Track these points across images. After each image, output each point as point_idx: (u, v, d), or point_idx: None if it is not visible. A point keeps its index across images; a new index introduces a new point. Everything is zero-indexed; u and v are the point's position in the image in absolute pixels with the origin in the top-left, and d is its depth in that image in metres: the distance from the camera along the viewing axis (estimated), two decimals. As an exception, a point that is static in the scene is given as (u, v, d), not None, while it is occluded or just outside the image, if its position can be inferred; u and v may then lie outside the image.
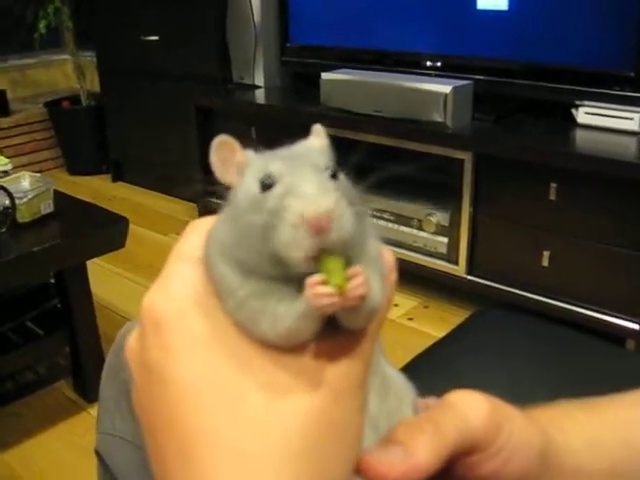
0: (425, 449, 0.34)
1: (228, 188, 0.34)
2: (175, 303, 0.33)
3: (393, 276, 0.36)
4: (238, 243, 0.32)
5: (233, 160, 0.34)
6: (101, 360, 1.85)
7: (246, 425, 0.30)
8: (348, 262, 0.31)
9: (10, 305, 1.81)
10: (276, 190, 0.30)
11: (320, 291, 0.29)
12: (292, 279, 0.31)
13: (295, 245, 0.29)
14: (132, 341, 0.36)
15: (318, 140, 0.36)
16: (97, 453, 0.84)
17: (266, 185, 0.31)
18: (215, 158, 0.34)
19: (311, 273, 0.30)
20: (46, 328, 1.80)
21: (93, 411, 1.78)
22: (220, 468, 0.30)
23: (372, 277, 0.32)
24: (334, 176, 0.32)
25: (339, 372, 0.32)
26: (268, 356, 0.32)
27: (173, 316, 0.33)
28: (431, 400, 0.40)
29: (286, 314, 0.31)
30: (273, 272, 0.31)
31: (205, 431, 0.31)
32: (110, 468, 0.81)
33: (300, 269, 0.30)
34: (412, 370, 1.03)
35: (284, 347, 0.32)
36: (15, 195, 1.60)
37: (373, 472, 0.33)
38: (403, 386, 0.40)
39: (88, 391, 1.84)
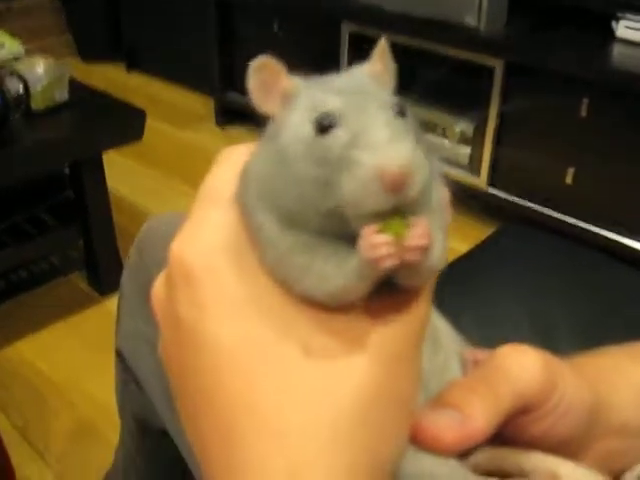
0: (482, 414, 0.32)
1: (268, 118, 0.30)
2: (207, 254, 0.30)
3: (449, 219, 0.32)
4: (284, 191, 0.27)
5: (276, 86, 0.29)
6: (115, 253, 1.85)
7: (293, 400, 0.27)
8: (410, 212, 0.27)
9: (24, 195, 1.79)
10: (340, 136, 0.26)
11: (377, 240, 0.26)
12: (344, 234, 0.27)
13: (367, 203, 0.25)
14: (158, 288, 0.32)
15: (380, 65, 0.31)
16: (118, 353, 0.83)
17: (324, 127, 0.26)
18: (254, 83, 0.29)
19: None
20: (61, 220, 1.78)
21: (107, 304, 1.79)
22: (265, 449, 0.27)
23: (435, 230, 0.28)
24: (402, 113, 0.27)
25: (394, 335, 0.29)
26: (313, 317, 0.28)
27: (205, 270, 0.29)
28: (480, 353, 0.37)
29: (336, 271, 0.27)
30: (325, 226, 0.27)
31: (247, 406, 0.27)
32: (132, 370, 0.80)
33: (362, 225, 0.26)
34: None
35: (331, 306, 0.28)
36: (29, 82, 1.55)
37: (430, 435, 0.31)
38: (450, 338, 0.37)
39: (102, 284, 1.84)
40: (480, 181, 2.14)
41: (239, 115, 2.93)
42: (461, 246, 2.12)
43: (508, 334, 0.86)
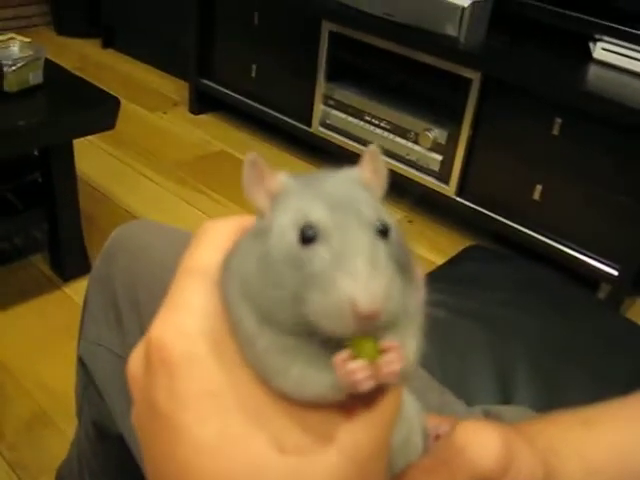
0: None
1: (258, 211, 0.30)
2: (187, 341, 0.30)
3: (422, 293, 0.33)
4: (264, 292, 0.28)
5: (264, 184, 0.30)
6: (80, 239, 1.83)
7: None
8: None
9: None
10: (321, 253, 0.27)
11: (352, 367, 0.27)
12: (321, 338, 0.27)
13: (336, 325, 0.26)
14: (135, 363, 0.32)
15: (369, 170, 0.31)
16: (80, 359, 0.84)
17: (307, 238, 0.27)
18: (246, 177, 0.30)
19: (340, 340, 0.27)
20: (26, 202, 1.76)
21: (68, 290, 1.77)
22: None
23: (410, 336, 0.29)
24: (385, 232, 0.28)
25: (365, 432, 0.30)
26: (288, 412, 0.29)
27: (184, 358, 0.30)
28: (441, 427, 0.38)
29: (314, 380, 0.28)
30: (302, 331, 0.27)
31: None
32: (92, 376, 0.81)
33: (333, 338, 0.27)
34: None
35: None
36: (3, 62, 1.52)
37: None
38: (414, 410, 0.38)
39: (65, 269, 1.82)
40: (449, 190, 2.16)
41: (212, 103, 2.91)
42: (427, 254, 2.15)
43: (468, 367, 0.87)
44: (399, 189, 2.09)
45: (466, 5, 1.95)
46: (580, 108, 1.80)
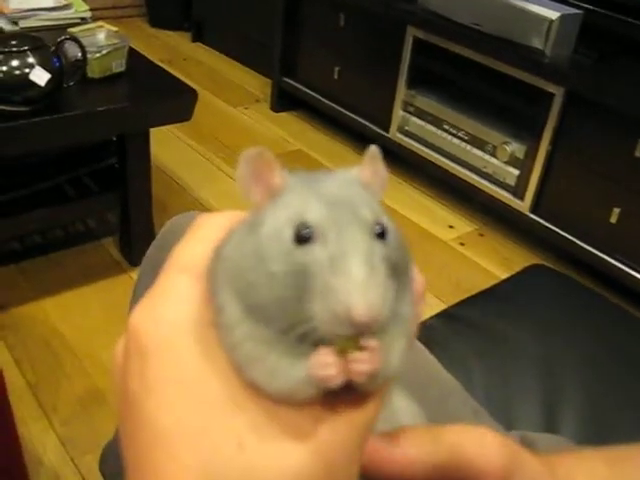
0: (414, 446, 0.32)
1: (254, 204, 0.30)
2: (164, 329, 0.29)
3: (420, 309, 0.32)
4: (254, 284, 0.27)
5: (266, 179, 0.29)
6: (149, 226, 1.88)
7: None
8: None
9: (68, 158, 1.82)
10: (317, 255, 0.26)
11: (326, 360, 0.27)
12: (302, 334, 0.27)
13: (331, 329, 0.26)
14: (118, 350, 0.32)
15: (369, 171, 0.30)
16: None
17: (303, 237, 0.26)
18: (243, 171, 0.29)
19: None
20: (101, 185, 1.81)
21: (134, 274, 1.81)
22: None
23: (394, 340, 0.29)
24: (382, 234, 0.28)
25: (336, 434, 0.29)
26: (261, 407, 0.28)
27: (159, 346, 0.29)
28: None
29: (287, 372, 0.27)
30: (286, 326, 0.27)
31: None
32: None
33: (321, 336, 0.27)
34: (453, 317, 1.01)
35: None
36: (88, 49, 1.57)
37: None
38: (406, 417, 0.36)
39: (133, 254, 1.87)
40: (523, 205, 2.10)
41: (293, 102, 2.94)
42: (495, 269, 2.11)
43: (513, 391, 0.85)
44: (472, 201, 2.06)
45: (554, 18, 1.89)
46: (667, 131, 1.73)
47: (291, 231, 0.27)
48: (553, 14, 1.91)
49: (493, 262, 2.13)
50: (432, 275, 2.02)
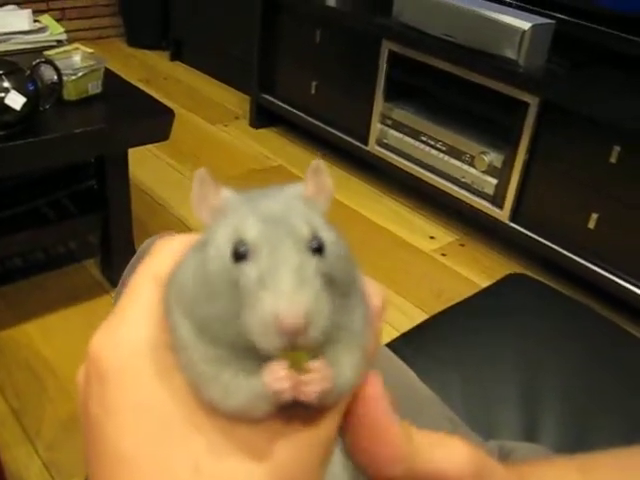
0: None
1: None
2: (123, 353, 0.30)
3: (379, 323, 0.32)
4: (199, 303, 0.28)
5: (209, 200, 0.30)
6: (131, 245, 1.87)
7: None
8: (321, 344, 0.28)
9: (47, 181, 1.81)
10: (249, 271, 0.27)
11: (279, 374, 0.27)
12: (252, 351, 0.27)
13: (263, 339, 0.26)
14: (80, 374, 0.32)
15: (312, 186, 0.31)
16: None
17: (239, 254, 0.27)
18: (194, 192, 0.31)
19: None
20: (81, 208, 1.81)
21: (116, 295, 1.81)
22: None
23: (345, 354, 0.29)
24: (319, 249, 0.28)
25: (294, 452, 0.29)
26: (218, 427, 0.28)
27: (119, 370, 0.30)
28: None
29: (241, 388, 0.28)
30: (232, 344, 0.28)
31: None
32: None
33: (265, 353, 0.27)
34: (429, 328, 1.02)
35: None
36: (64, 71, 1.57)
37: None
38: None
39: (114, 275, 1.86)
40: (503, 214, 2.12)
41: (272, 118, 2.95)
42: (476, 278, 2.12)
43: (492, 399, 0.85)
44: (452, 212, 2.07)
45: (526, 28, 1.92)
46: (639, 137, 1.75)
47: (230, 249, 0.28)
48: (525, 24, 1.93)
49: (474, 272, 2.15)
50: (414, 286, 2.03)
